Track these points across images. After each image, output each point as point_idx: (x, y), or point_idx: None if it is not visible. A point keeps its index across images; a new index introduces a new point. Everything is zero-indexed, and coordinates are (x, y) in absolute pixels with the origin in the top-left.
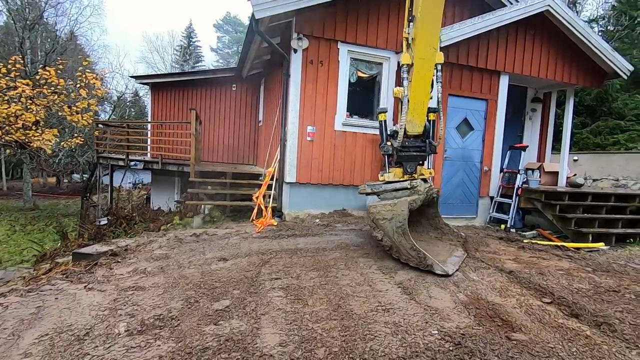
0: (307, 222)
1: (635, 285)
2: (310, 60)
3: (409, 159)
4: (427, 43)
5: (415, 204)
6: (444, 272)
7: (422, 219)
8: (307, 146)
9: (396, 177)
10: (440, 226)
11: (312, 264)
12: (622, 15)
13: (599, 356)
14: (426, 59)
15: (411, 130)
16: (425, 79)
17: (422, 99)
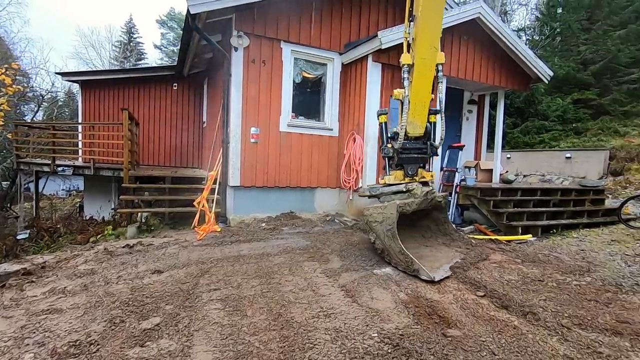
0: (252, 226)
1: (557, 273)
2: (252, 59)
3: (410, 161)
4: (428, 43)
5: (408, 207)
6: (429, 278)
7: (432, 224)
8: (251, 148)
9: (397, 180)
10: (449, 232)
11: (254, 271)
12: (544, 25)
13: (524, 345)
14: (427, 59)
15: (412, 131)
16: (427, 79)
17: (423, 100)
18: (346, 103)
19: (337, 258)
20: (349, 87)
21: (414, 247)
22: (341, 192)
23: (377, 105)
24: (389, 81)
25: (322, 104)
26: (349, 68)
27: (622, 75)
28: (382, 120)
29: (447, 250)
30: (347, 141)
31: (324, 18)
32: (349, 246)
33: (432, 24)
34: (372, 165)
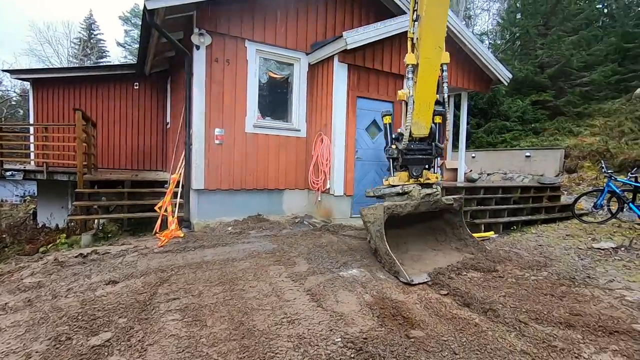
0: (218, 231)
1: (516, 269)
2: (215, 58)
3: (415, 162)
4: (433, 42)
5: (401, 209)
6: (407, 280)
7: (447, 227)
8: (215, 150)
9: (401, 181)
10: (464, 237)
11: (218, 278)
12: (505, 30)
13: (484, 343)
14: (432, 59)
15: (417, 132)
16: (431, 79)
17: (427, 100)
18: (313, 104)
19: (304, 261)
20: (315, 87)
21: (419, 250)
22: (310, 193)
23: (343, 105)
24: (355, 82)
25: (289, 105)
26: (316, 68)
27: (575, 78)
28: (386, 121)
29: (456, 255)
30: (315, 142)
31: (289, 17)
32: (316, 248)
33: (436, 23)
34: (340, 166)
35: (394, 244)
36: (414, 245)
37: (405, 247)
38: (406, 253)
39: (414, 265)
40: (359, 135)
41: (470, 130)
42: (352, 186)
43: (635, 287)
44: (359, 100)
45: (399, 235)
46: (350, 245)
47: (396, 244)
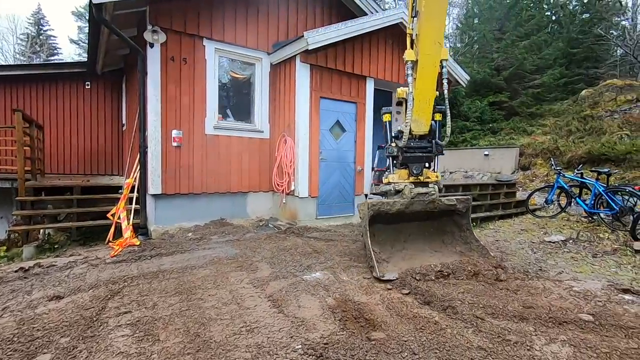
0: (177, 237)
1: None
2: (171, 57)
3: (415, 160)
4: (432, 38)
5: (389, 207)
6: (377, 275)
7: (455, 229)
8: (173, 152)
9: (401, 179)
10: (470, 240)
11: (174, 288)
12: (463, 34)
13: (442, 341)
14: (431, 55)
15: (416, 129)
16: (431, 76)
17: (427, 97)
18: (276, 104)
19: (266, 266)
20: (278, 88)
21: (417, 250)
22: (275, 195)
23: (306, 106)
24: (318, 82)
25: (251, 106)
26: (278, 68)
27: (528, 80)
28: (386, 119)
29: (456, 259)
30: (279, 143)
31: (250, 16)
32: (280, 252)
33: (435, 19)
34: (304, 168)
35: (391, 241)
36: (414, 245)
37: (401, 245)
38: (401, 251)
39: (399, 263)
40: (323, 136)
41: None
42: (317, 187)
43: (581, 277)
44: (322, 100)
45: (401, 233)
46: (315, 247)
47: (394, 241)
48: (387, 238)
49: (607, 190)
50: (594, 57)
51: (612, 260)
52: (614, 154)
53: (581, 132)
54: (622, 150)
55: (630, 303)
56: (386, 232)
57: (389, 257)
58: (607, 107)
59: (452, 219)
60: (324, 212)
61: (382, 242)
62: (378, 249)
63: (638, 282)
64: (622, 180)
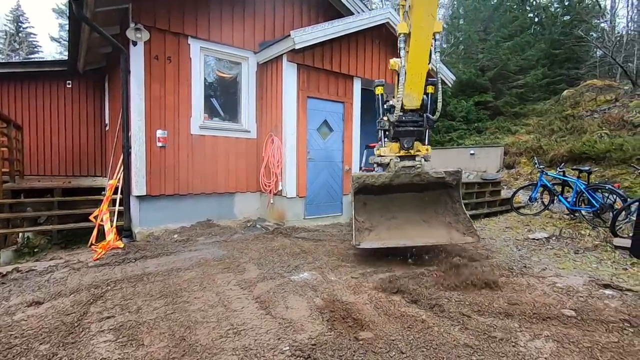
0: (163, 239)
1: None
2: (155, 55)
3: (406, 134)
4: (426, 10)
5: (373, 179)
6: (354, 243)
7: (448, 200)
8: (158, 153)
9: (392, 152)
10: (458, 212)
11: (159, 291)
12: (449, 35)
13: (430, 340)
14: (425, 28)
15: (408, 104)
16: (424, 49)
17: (419, 70)
18: (263, 104)
19: (254, 267)
20: (265, 87)
21: (407, 221)
22: (263, 196)
23: (294, 106)
24: (305, 82)
25: (238, 105)
26: (265, 68)
27: (512, 81)
28: (378, 92)
29: (442, 231)
30: (266, 143)
31: (236, 15)
32: (268, 253)
33: None
34: (292, 168)
35: (382, 210)
36: (404, 214)
37: (391, 215)
38: (389, 220)
39: (382, 233)
40: (311, 136)
41: None
42: (304, 187)
43: (564, 273)
44: (309, 100)
45: (393, 203)
46: (302, 247)
47: (385, 211)
48: (378, 207)
49: (588, 188)
50: (575, 58)
51: (593, 256)
52: (594, 153)
53: (563, 131)
54: (602, 149)
55: (610, 298)
56: (379, 201)
57: (374, 226)
58: (588, 106)
59: (446, 191)
60: (312, 212)
61: (371, 212)
62: (364, 218)
63: (618, 277)
64: (602, 178)
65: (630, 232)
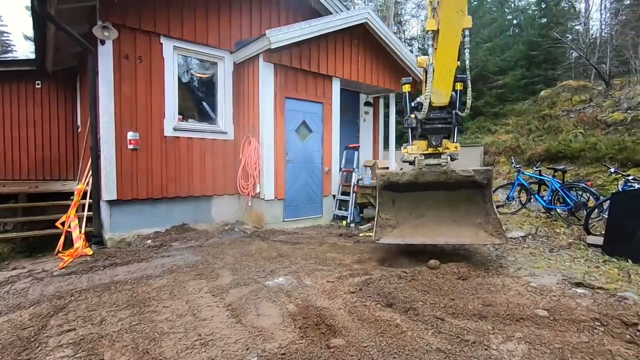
0: (135, 245)
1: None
2: (125, 54)
3: (434, 132)
4: (455, 6)
5: (397, 177)
6: (374, 239)
7: (481, 200)
8: (129, 156)
9: (419, 150)
10: (489, 213)
11: (126, 300)
12: None
13: (402, 345)
14: (453, 24)
15: (436, 101)
16: (452, 46)
17: (448, 67)
18: (240, 105)
19: (228, 272)
20: (242, 88)
21: (435, 220)
22: (241, 198)
23: (271, 107)
24: (282, 82)
25: (214, 106)
26: (241, 68)
27: (492, 81)
28: (405, 90)
29: (468, 232)
30: (243, 145)
31: (210, 13)
32: (244, 257)
33: None
34: (270, 170)
35: (411, 208)
36: (434, 213)
37: (420, 213)
38: (417, 219)
39: (406, 230)
40: (289, 137)
41: (403, 130)
42: (283, 189)
43: (538, 272)
44: (287, 101)
45: (424, 201)
46: (280, 251)
47: (414, 209)
48: (407, 205)
49: (562, 186)
50: (552, 60)
51: (567, 255)
52: (569, 152)
53: (540, 130)
54: (576, 148)
55: (582, 296)
56: (408, 199)
57: (400, 223)
58: (564, 106)
59: (479, 190)
60: (291, 214)
61: (400, 209)
62: (390, 215)
63: (590, 275)
64: (576, 177)
65: (603, 229)
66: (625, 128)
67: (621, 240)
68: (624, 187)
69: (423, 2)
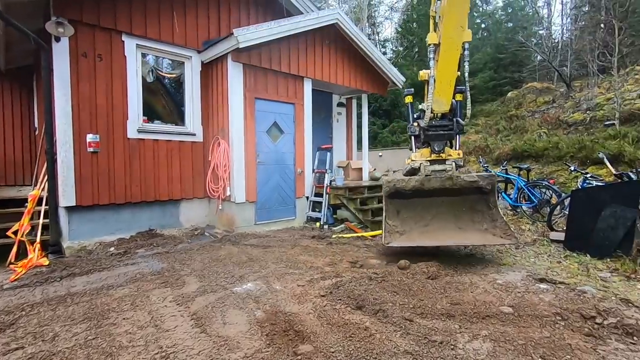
0: (97, 253)
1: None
2: (83, 52)
3: (436, 138)
4: (455, 21)
5: (403, 183)
6: (384, 243)
7: (485, 208)
8: (89, 159)
9: (423, 157)
10: (495, 218)
11: (83, 313)
12: (403, 38)
13: (371, 348)
14: (454, 38)
15: (437, 109)
16: (453, 59)
17: (449, 78)
18: (209, 106)
19: (195, 279)
20: (210, 88)
21: (441, 228)
22: (211, 202)
23: (240, 107)
24: (252, 82)
25: (182, 107)
26: (210, 68)
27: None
28: (408, 101)
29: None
30: (212, 146)
31: (176, 10)
32: (213, 263)
33: (460, 2)
34: (240, 172)
35: (416, 217)
36: (441, 221)
37: (424, 223)
38: (425, 226)
39: (413, 236)
40: (260, 139)
41: (377, 131)
42: (254, 192)
43: (504, 269)
44: (257, 101)
45: (428, 210)
46: (250, 255)
47: (419, 218)
48: (412, 215)
49: (527, 184)
50: (518, 62)
51: (531, 251)
52: (534, 151)
53: (508, 130)
54: (540, 147)
55: (545, 292)
56: (413, 209)
57: (407, 230)
58: (529, 107)
59: (483, 197)
60: (263, 217)
61: (405, 219)
62: (398, 223)
63: (552, 270)
64: (540, 175)
65: (565, 226)
66: (585, 128)
67: (580, 236)
68: (582, 185)
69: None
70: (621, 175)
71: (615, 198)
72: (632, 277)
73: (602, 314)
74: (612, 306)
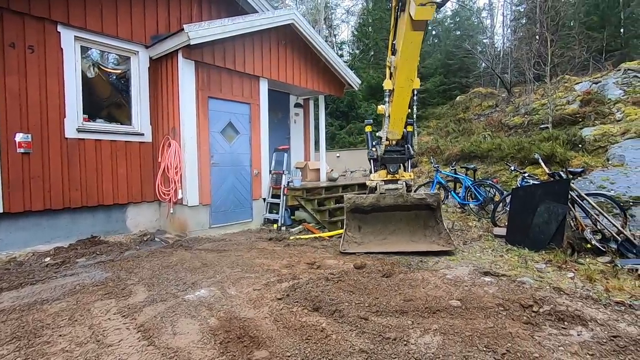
0: (29, 264)
1: (367, 262)
2: (10, 43)
3: (391, 161)
4: (406, 75)
5: (362, 200)
6: (341, 250)
7: (434, 223)
8: (19, 160)
9: (380, 177)
10: (440, 231)
11: (12, 332)
12: (359, 41)
13: (327, 350)
14: (405, 88)
15: (392, 137)
16: (404, 102)
17: (400, 115)
18: (158, 104)
19: (143, 288)
20: (160, 85)
21: (397, 242)
22: (162, 205)
23: (192, 107)
24: (205, 81)
25: (128, 105)
26: (159, 64)
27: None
28: (367, 130)
29: (423, 245)
30: (162, 147)
31: (120, 2)
32: (163, 270)
33: (410, 60)
34: (193, 174)
35: (374, 234)
36: (396, 237)
37: (382, 237)
38: (383, 239)
39: (370, 246)
40: (214, 139)
41: (334, 132)
42: (208, 194)
43: (453, 265)
44: (211, 101)
45: (386, 226)
46: (204, 260)
47: (378, 232)
48: (372, 231)
49: (473, 184)
50: (465, 68)
51: (477, 246)
52: (480, 152)
53: (456, 132)
54: (485, 148)
55: (489, 284)
56: (373, 225)
57: (365, 242)
58: (475, 111)
59: (431, 212)
60: (218, 220)
61: (365, 234)
62: (357, 235)
63: (496, 264)
64: (485, 174)
65: (506, 221)
66: (523, 130)
67: (520, 231)
68: (521, 183)
69: (352, 8)
70: (553, 174)
71: (549, 195)
72: (563, 267)
73: (538, 303)
74: (546, 295)
